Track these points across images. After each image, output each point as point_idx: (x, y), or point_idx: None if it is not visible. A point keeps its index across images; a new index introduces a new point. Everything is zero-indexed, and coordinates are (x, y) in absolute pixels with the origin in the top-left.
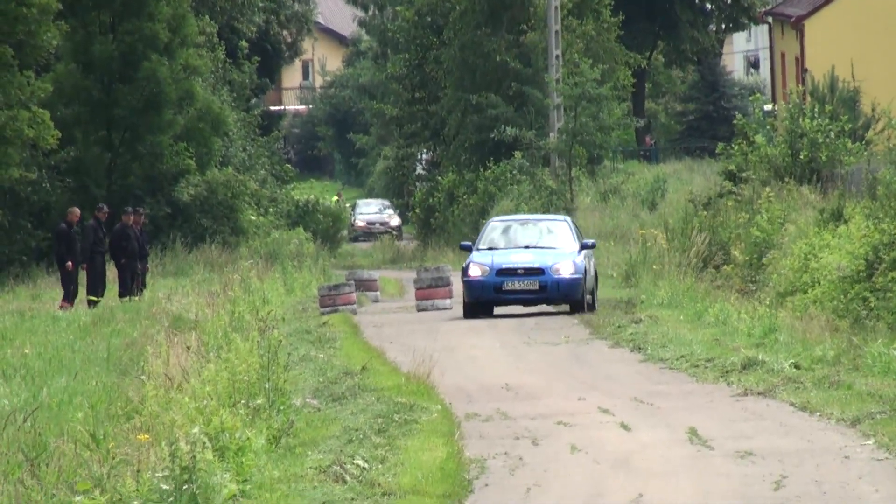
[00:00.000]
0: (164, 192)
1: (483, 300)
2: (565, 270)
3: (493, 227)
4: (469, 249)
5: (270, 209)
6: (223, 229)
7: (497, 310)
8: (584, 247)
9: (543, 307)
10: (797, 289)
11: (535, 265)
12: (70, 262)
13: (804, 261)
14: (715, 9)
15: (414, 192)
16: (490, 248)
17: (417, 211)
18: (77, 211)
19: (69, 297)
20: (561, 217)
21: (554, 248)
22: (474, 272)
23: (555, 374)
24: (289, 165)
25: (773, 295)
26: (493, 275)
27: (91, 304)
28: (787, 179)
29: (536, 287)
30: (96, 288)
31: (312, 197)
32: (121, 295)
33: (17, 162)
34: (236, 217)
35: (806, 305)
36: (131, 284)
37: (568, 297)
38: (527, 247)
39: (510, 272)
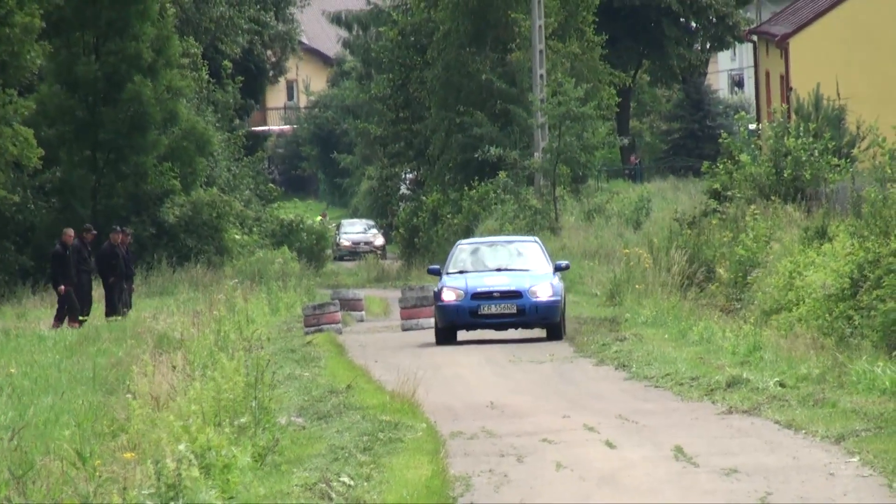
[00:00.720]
0: (149, 212)
1: (458, 325)
2: (543, 293)
3: (462, 250)
4: (437, 273)
5: (255, 228)
6: (208, 249)
7: (465, 335)
8: (557, 268)
9: (512, 333)
10: (782, 307)
11: (512, 288)
12: (63, 287)
13: (789, 279)
14: (700, 27)
15: (397, 213)
16: (461, 272)
17: (401, 230)
18: (72, 232)
19: (63, 317)
20: (530, 238)
21: (528, 271)
22: (448, 296)
23: (540, 392)
24: (273, 185)
25: (757, 313)
26: (468, 299)
27: (78, 323)
28: (772, 198)
29: (514, 311)
30: (82, 307)
31: (297, 216)
32: (108, 314)
33: (1, 182)
34: (221, 237)
35: (791, 324)
36: (118, 304)
37: (546, 320)
38: (499, 269)
39: (486, 296)
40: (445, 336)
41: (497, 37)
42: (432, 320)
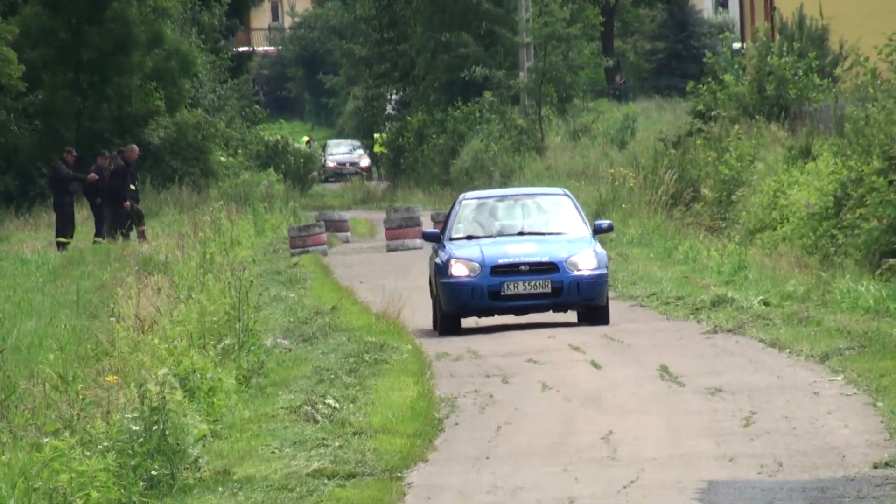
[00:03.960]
0: (133, 133)
1: (473, 310)
2: (585, 264)
3: (467, 207)
4: (436, 239)
5: (240, 150)
6: (193, 171)
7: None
8: (598, 230)
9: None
10: (766, 226)
11: (545, 259)
12: (128, 203)
13: (773, 198)
14: None
15: (376, 136)
16: (469, 237)
17: (385, 151)
18: (136, 148)
19: (134, 224)
20: (559, 190)
21: (560, 234)
22: (459, 271)
23: None
24: (258, 106)
25: (742, 232)
26: (486, 274)
27: (60, 246)
28: (755, 117)
29: (549, 289)
30: (65, 230)
31: (282, 138)
32: (96, 235)
33: None
34: (206, 159)
35: (775, 242)
36: (113, 226)
37: (590, 300)
38: (522, 233)
39: (511, 269)
40: (452, 325)
41: None
42: (418, 241)
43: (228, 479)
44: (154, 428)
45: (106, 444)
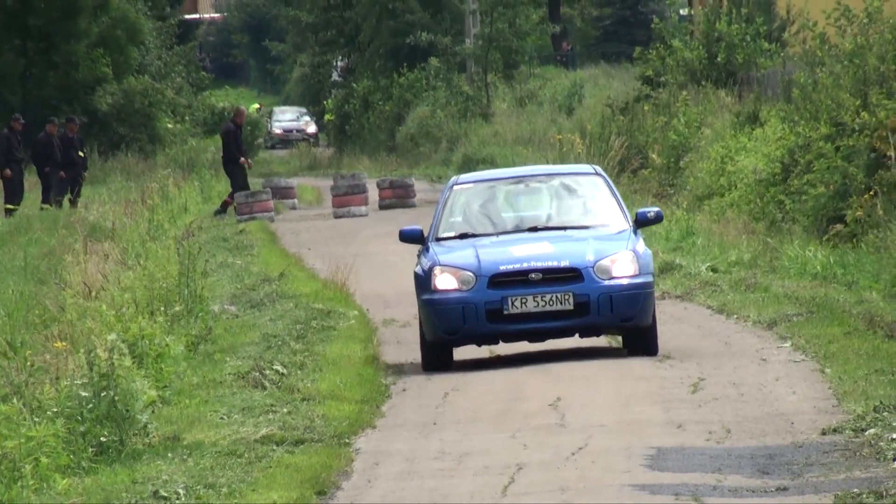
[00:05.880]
0: (80, 100)
1: (467, 336)
2: (621, 270)
3: (460, 194)
4: (418, 239)
5: (187, 117)
6: (140, 137)
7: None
8: (642, 221)
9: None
10: (714, 192)
11: (564, 263)
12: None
13: (721, 164)
14: None
15: (324, 103)
16: (463, 236)
17: (332, 118)
18: (244, 111)
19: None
20: (588, 168)
21: (589, 229)
22: (446, 283)
23: None
24: (204, 73)
25: (690, 198)
26: (482, 287)
27: (8, 213)
28: (703, 83)
29: (570, 306)
30: (13, 197)
31: (230, 104)
32: (43, 201)
33: None
34: (153, 125)
35: (723, 209)
36: (61, 192)
37: (628, 319)
38: (535, 229)
39: (517, 279)
40: (438, 357)
41: None
42: (364, 208)
43: (177, 445)
44: (103, 394)
45: (55, 409)
